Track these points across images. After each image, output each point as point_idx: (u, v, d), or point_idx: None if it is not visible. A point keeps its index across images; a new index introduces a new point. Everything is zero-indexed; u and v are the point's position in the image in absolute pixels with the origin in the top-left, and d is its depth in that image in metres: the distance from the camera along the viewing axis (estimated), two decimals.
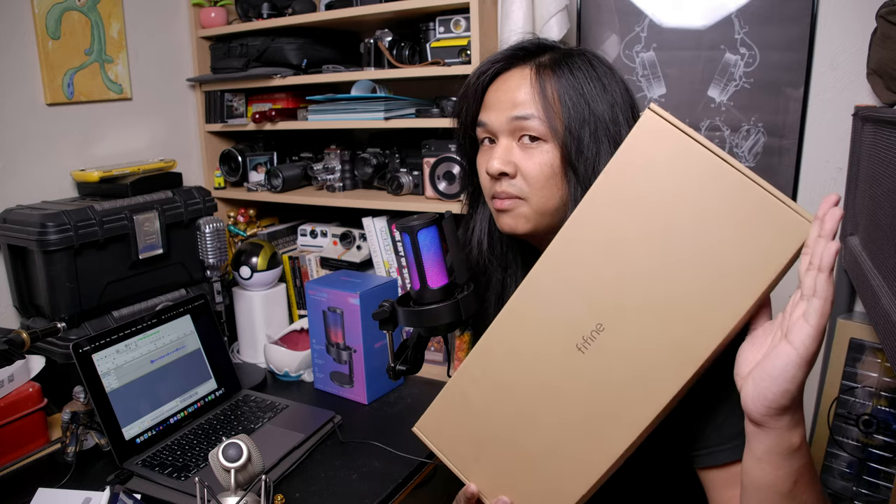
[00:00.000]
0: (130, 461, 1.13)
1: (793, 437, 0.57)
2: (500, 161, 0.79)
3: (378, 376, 1.40)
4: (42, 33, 1.44)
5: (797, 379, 0.53)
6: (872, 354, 1.32)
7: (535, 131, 0.78)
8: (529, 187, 0.79)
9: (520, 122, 0.78)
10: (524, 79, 0.79)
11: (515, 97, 0.79)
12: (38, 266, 1.29)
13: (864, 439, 1.31)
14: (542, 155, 0.78)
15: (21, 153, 1.43)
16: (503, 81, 0.82)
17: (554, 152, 0.78)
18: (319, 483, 1.11)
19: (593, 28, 1.61)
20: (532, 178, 0.79)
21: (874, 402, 1.31)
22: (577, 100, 0.77)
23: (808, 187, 1.46)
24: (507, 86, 0.81)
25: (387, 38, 1.51)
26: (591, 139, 0.77)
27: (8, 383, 1.16)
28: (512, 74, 0.81)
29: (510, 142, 0.80)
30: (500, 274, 0.92)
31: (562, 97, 0.77)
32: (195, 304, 1.36)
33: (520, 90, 0.79)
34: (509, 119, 0.79)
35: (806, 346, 0.52)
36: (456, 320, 0.79)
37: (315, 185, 1.73)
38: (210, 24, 1.75)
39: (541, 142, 0.78)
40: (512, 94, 0.79)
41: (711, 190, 0.57)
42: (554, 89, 0.78)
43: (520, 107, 0.78)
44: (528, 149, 0.79)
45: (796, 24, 1.39)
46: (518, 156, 0.79)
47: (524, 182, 0.79)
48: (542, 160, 0.78)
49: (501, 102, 0.80)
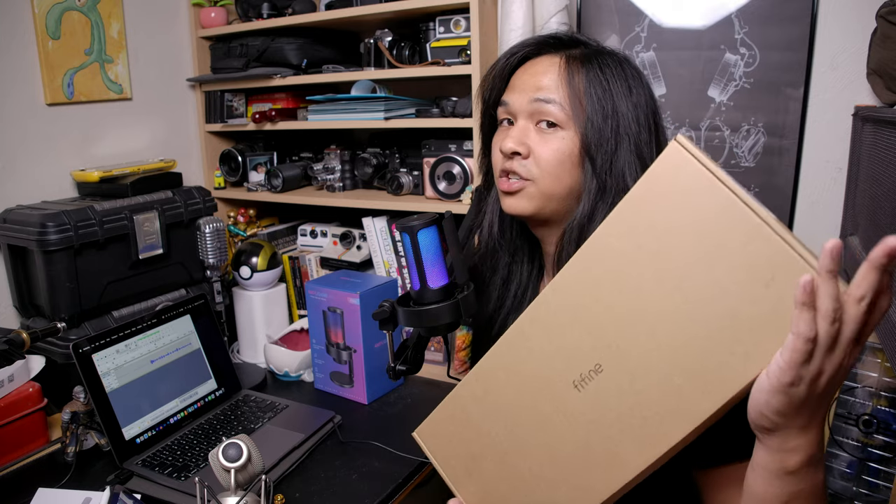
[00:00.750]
0: (130, 461, 1.13)
1: (787, 459, 0.55)
2: (514, 141, 0.80)
3: (378, 376, 1.40)
4: (42, 33, 1.44)
5: (770, 405, 0.52)
6: (872, 354, 1.32)
7: (553, 117, 0.79)
8: (539, 170, 0.80)
9: (540, 105, 0.79)
10: (553, 66, 0.80)
11: (541, 81, 0.80)
12: (38, 266, 1.29)
13: (864, 439, 1.31)
14: (558, 141, 0.79)
15: (21, 153, 1.43)
16: (531, 65, 0.83)
17: (570, 140, 0.79)
18: (319, 483, 1.11)
19: (593, 28, 1.61)
20: (544, 161, 0.79)
21: (874, 402, 1.31)
22: (603, 94, 0.78)
23: (808, 187, 1.46)
24: (535, 69, 0.81)
25: (387, 38, 1.51)
26: (611, 134, 0.77)
27: (8, 383, 1.16)
28: (541, 60, 0.82)
29: (528, 124, 0.81)
30: (508, 258, 0.93)
31: (587, 90, 0.78)
32: (195, 304, 1.36)
33: (546, 75, 0.80)
34: (531, 100, 0.80)
35: (777, 377, 0.50)
36: (456, 320, 0.79)
37: (315, 185, 1.73)
38: (210, 24, 1.75)
39: (558, 128, 0.79)
40: (538, 77, 0.80)
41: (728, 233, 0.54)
42: (581, 81, 0.78)
43: (543, 90, 0.79)
44: (544, 133, 0.80)
45: (796, 24, 1.39)
46: (534, 139, 0.80)
47: (535, 164, 0.80)
48: (558, 146, 0.79)
49: (526, 84, 0.81)
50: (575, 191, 0.81)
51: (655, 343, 0.57)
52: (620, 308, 0.59)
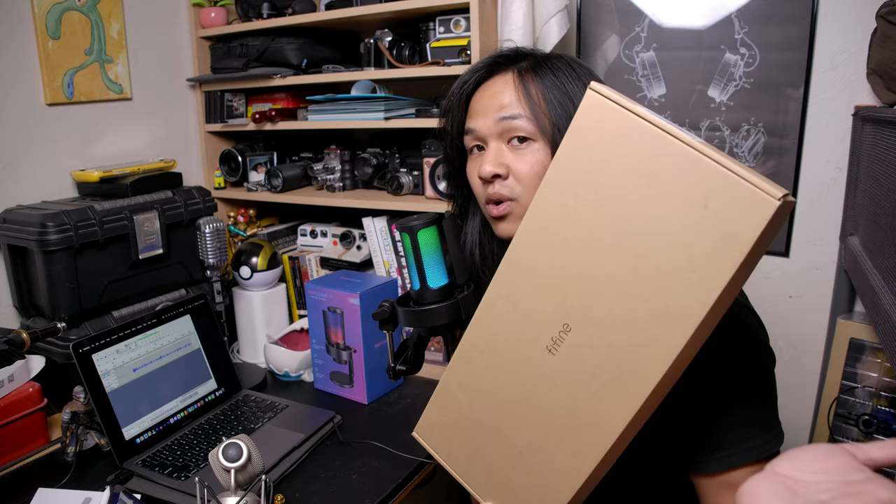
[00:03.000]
0: (130, 461, 1.13)
1: None
2: (491, 164, 0.80)
3: (378, 376, 1.40)
4: (42, 33, 1.44)
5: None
6: (872, 354, 1.32)
7: (523, 131, 0.79)
8: (522, 187, 0.80)
9: (508, 123, 0.79)
10: (507, 83, 0.80)
11: (501, 100, 0.80)
12: (38, 266, 1.29)
13: (864, 439, 1.31)
14: (533, 154, 0.79)
15: (21, 153, 1.43)
16: (486, 88, 0.83)
17: (544, 150, 0.79)
18: (319, 483, 1.11)
19: (593, 28, 1.61)
20: (524, 177, 0.79)
21: (874, 402, 1.31)
22: (562, 98, 0.78)
23: (808, 187, 1.46)
24: (492, 91, 0.82)
25: (387, 38, 1.51)
26: None
27: (8, 383, 1.16)
28: (494, 81, 0.82)
29: (499, 144, 0.81)
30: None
31: (546, 96, 0.78)
32: (195, 304, 1.36)
33: (504, 94, 0.80)
34: (497, 121, 0.80)
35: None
36: (456, 320, 0.79)
37: (315, 185, 1.73)
38: (210, 24, 1.75)
39: (530, 141, 0.79)
40: (497, 98, 0.80)
41: (662, 170, 0.53)
42: (538, 90, 0.79)
43: (506, 108, 0.79)
44: (518, 150, 0.80)
45: (796, 24, 1.39)
46: (509, 157, 0.80)
47: (516, 182, 0.80)
48: (534, 159, 0.79)
49: (488, 107, 0.81)
50: None
51: (615, 292, 0.57)
52: (575, 266, 0.59)
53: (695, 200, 0.52)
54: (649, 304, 0.55)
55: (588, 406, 0.60)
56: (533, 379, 0.63)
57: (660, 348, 0.55)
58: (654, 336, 0.55)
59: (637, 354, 0.56)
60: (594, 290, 0.58)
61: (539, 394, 0.63)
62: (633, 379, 0.56)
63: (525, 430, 0.65)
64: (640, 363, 0.56)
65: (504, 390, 0.66)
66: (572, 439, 0.61)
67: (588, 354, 0.59)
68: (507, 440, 0.67)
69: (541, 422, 0.63)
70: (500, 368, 0.66)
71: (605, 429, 0.59)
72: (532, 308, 0.63)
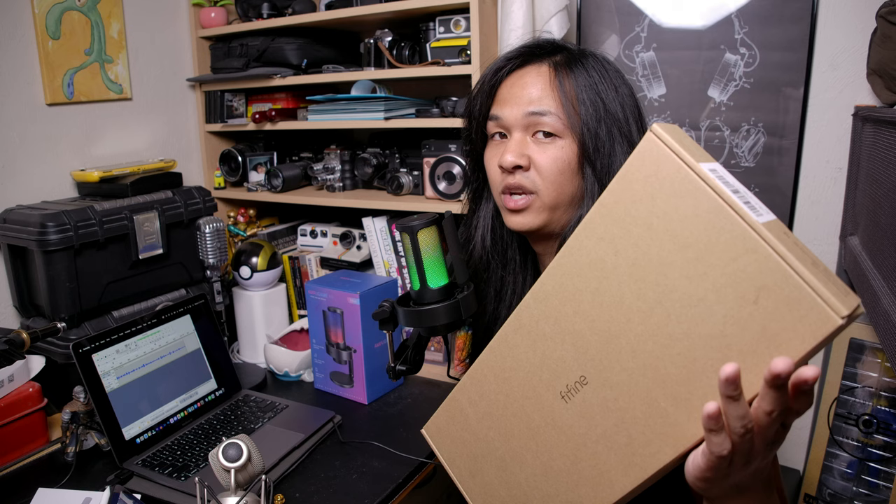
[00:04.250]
0: (130, 461, 1.13)
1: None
2: (513, 154, 0.79)
3: (378, 376, 1.40)
4: (42, 33, 1.44)
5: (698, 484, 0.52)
6: (872, 354, 1.32)
7: (550, 127, 0.79)
8: (542, 180, 0.80)
9: (536, 118, 0.79)
10: (541, 76, 0.80)
11: (532, 93, 0.80)
12: (38, 266, 1.29)
13: (864, 439, 1.31)
14: (557, 150, 0.79)
15: (21, 153, 1.43)
16: (519, 77, 0.82)
17: (569, 148, 0.79)
18: (319, 483, 1.11)
19: (593, 28, 1.61)
20: (545, 171, 0.79)
21: (874, 402, 1.31)
22: (594, 98, 0.78)
23: (808, 187, 1.46)
24: (524, 81, 0.81)
25: (387, 38, 1.51)
26: (607, 136, 0.78)
27: (8, 383, 1.16)
28: (528, 71, 0.82)
29: (524, 136, 0.81)
30: (501, 271, 0.93)
31: (579, 95, 0.78)
32: (195, 304, 1.36)
33: (535, 86, 0.80)
34: (525, 114, 0.79)
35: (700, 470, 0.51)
36: (456, 320, 0.79)
37: (315, 185, 1.73)
38: (210, 24, 1.75)
39: (555, 137, 0.79)
40: (528, 90, 0.80)
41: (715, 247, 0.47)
42: (571, 87, 0.79)
43: (536, 103, 0.79)
44: (542, 143, 0.80)
45: (796, 24, 1.39)
46: (532, 149, 0.80)
47: (537, 175, 0.80)
48: (557, 155, 0.79)
49: (518, 98, 0.81)
50: (576, 199, 0.81)
51: (638, 363, 0.53)
52: (602, 322, 0.55)
53: (744, 291, 0.46)
54: (673, 386, 0.51)
55: (591, 463, 0.58)
56: (542, 420, 0.62)
57: (676, 433, 0.51)
58: (673, 420, 0.51)
59: (651, 431, 0.53)
60: (617, 352, 0.54)
61: (545, 436, 0.62)
62: (642, 453, 0.54)
63: (527, 465, 0.64)
64: (652, 441, 0.53)
65: (512, 421, 0.65)
66: (570, 489, 0.60)
67: (599, 414, 0.56)
68: (508, 469, 0.66)
69: (542, 463, 0.62)
70: (511, 399, 0.65)
71: (603, 491, 0.57)
72: (552, 351, 0.60)
